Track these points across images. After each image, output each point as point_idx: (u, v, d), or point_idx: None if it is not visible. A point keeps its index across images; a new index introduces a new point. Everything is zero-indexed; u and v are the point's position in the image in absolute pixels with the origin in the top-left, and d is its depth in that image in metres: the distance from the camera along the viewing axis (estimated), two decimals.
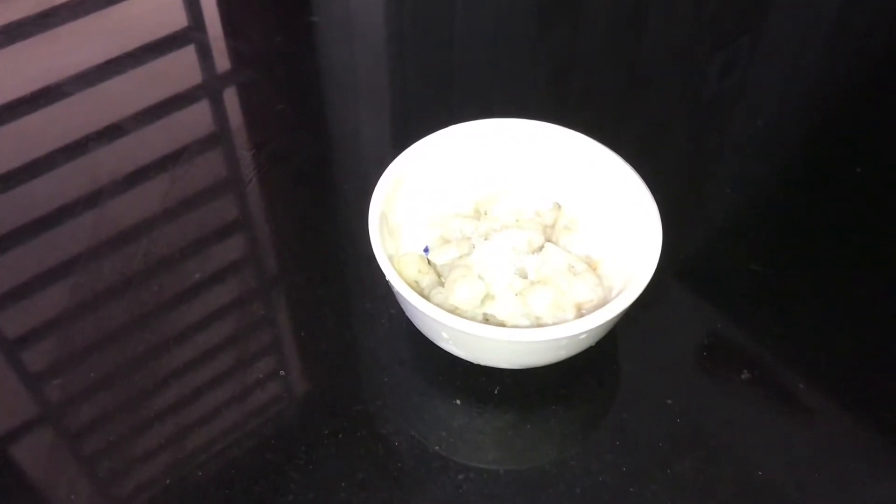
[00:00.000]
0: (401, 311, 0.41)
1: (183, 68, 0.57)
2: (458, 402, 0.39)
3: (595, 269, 0.40)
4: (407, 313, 0.39)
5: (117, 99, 0.54)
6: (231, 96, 0.56)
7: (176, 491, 0.36)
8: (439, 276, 0.40)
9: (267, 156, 0.50)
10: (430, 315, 0.34)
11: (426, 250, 0.42)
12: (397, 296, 0.37)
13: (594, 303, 0.38)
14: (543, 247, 0.40)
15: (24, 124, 0.53)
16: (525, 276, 0.40)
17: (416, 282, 0.39)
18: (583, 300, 0.38)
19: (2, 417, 0.38)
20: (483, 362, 0.38)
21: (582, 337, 0.35)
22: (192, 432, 0.37)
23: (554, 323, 0.37)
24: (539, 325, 0.38)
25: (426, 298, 0.35)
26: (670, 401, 0.38)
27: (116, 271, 0.44)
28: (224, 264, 0.45)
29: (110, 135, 0.52)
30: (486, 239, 0.41)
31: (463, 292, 0.38)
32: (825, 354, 0.41)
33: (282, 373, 0.40)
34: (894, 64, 0.60)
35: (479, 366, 0.38)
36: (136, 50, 0.57)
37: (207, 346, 0.41)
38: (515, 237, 0.40)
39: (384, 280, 0.36)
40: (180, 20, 0.61)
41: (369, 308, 0.42)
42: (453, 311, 0.35)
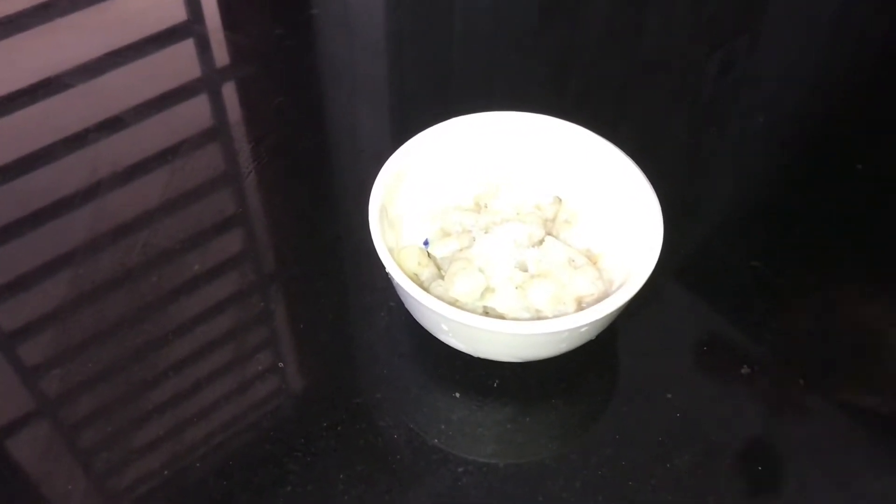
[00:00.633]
0: (400, 304, 0.41)
1: (182, 61, 0.57)
2: (458, 395, 0.39)
3: (595, 263, 0.40)
4: (407, 306, 0.39)
5: (117, 91, 0.54)
6: (230, 90, 0.56)
7: (175, 483, 0.36)
8: (439, 268, 0.40)
9: (266, 149, 0.50)
10: (431, 307, 0.34)
11: (426, 243, 0.42)
12: (397, 288, 0.36)
13: (594, 296, 0.38)
14: (544, 240, 0.40)
15: (24, 116, 0.52)
16: (525, 270, 0.40)
17: (416, 275, 0.39)
18: (583, 294, 0.38)
19: (0, 409, 0.38)
20: (483, 355, 0.38)
21: (582, 330, 0.35)
22: (191, 424, 0.37)
23: (554, 316, 0.37)
24: (539, 318, 0.38)
25: (426, 291, 0.35)
26: (670, 395, 0.39)
27: (115, 263, 0.44)
28: (223, 257, 0.45)
29: (109, 127, 0.52)
30: (486, 232, 0.41)
31: (463, 285, 0.38)
32: (824, 350, 0.41)
33: (281, 365, 0.40)
34: (894, 60, 0.60)
35: (478, 359, 0.38)
36: (136, 43, 0.57)
37: (206, 338, 0.41)
38: (516, 230, 0.40)
39: (383, 273, 0.36)
40: (179, 13, 0.60)
41: (368, 301, 0.42)
42: (453, 304, 0.35)
